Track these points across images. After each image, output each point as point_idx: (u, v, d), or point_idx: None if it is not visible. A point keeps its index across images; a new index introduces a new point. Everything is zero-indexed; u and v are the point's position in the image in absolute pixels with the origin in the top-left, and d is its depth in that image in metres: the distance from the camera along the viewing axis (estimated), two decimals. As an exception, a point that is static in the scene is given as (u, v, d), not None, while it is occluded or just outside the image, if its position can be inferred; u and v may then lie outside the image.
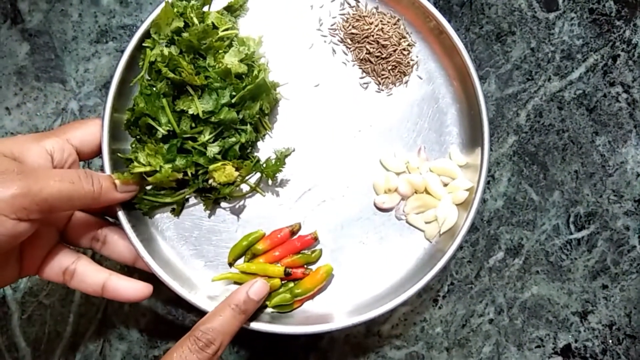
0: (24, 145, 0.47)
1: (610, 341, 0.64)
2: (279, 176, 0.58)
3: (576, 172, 0.66)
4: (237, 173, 0.54)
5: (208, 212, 0.57)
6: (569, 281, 0.65)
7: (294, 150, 0.58)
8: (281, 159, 0.56)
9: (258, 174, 0.58)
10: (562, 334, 0.64)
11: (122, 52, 0.62)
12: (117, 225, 0.54)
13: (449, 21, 0.58)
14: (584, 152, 0.66)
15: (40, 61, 0.65)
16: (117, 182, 0.51)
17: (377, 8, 0.61)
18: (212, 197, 0.56)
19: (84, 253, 0.52)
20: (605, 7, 0.68)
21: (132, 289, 0.51)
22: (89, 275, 0.50)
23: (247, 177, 0.57)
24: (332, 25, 0.61)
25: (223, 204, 0.58)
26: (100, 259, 0.62)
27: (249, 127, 0.55)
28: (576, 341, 0.64)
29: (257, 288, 0.51)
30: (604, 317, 0.65)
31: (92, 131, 0.52)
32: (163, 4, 0.54)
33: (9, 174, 0.41)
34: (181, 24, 0.54)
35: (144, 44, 0.55)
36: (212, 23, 0.55)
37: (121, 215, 0.53)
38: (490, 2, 0.67)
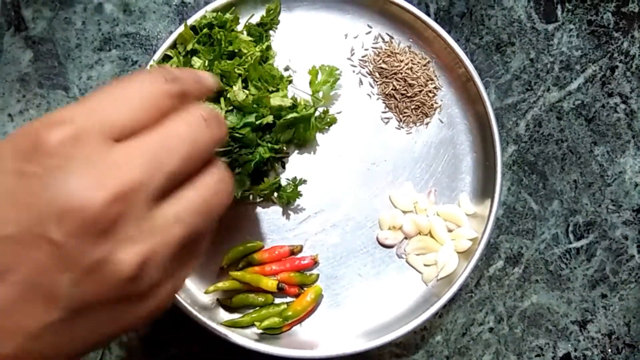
0: None
1: (610, 350, 0.65)
2: None
3: (575, 182, 0.66)
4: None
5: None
6: (568, 290, 0.65)
7: (305, 182, 0.58)
8: (296, 191, 0.57)
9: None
10: (561, 342, 0.64)
11: (126, 59, 0.62)
12: None
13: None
14: (582, 162, 0.67)
15: (43, 68, 0.65)
16: None
17: (409, 47, 0.62)
18: None
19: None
20: (603, 19, 0.69)
21: None
22: None
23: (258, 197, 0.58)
24: (363, 56, 0.62)
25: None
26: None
27: (266, 146, 0.54)
28: (575, 350, 0.64)
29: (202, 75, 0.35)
30: (603, 326, 0.65)
31: None
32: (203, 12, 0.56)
33: None
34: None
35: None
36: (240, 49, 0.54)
37: None
38: (490, 13, 0.68)
